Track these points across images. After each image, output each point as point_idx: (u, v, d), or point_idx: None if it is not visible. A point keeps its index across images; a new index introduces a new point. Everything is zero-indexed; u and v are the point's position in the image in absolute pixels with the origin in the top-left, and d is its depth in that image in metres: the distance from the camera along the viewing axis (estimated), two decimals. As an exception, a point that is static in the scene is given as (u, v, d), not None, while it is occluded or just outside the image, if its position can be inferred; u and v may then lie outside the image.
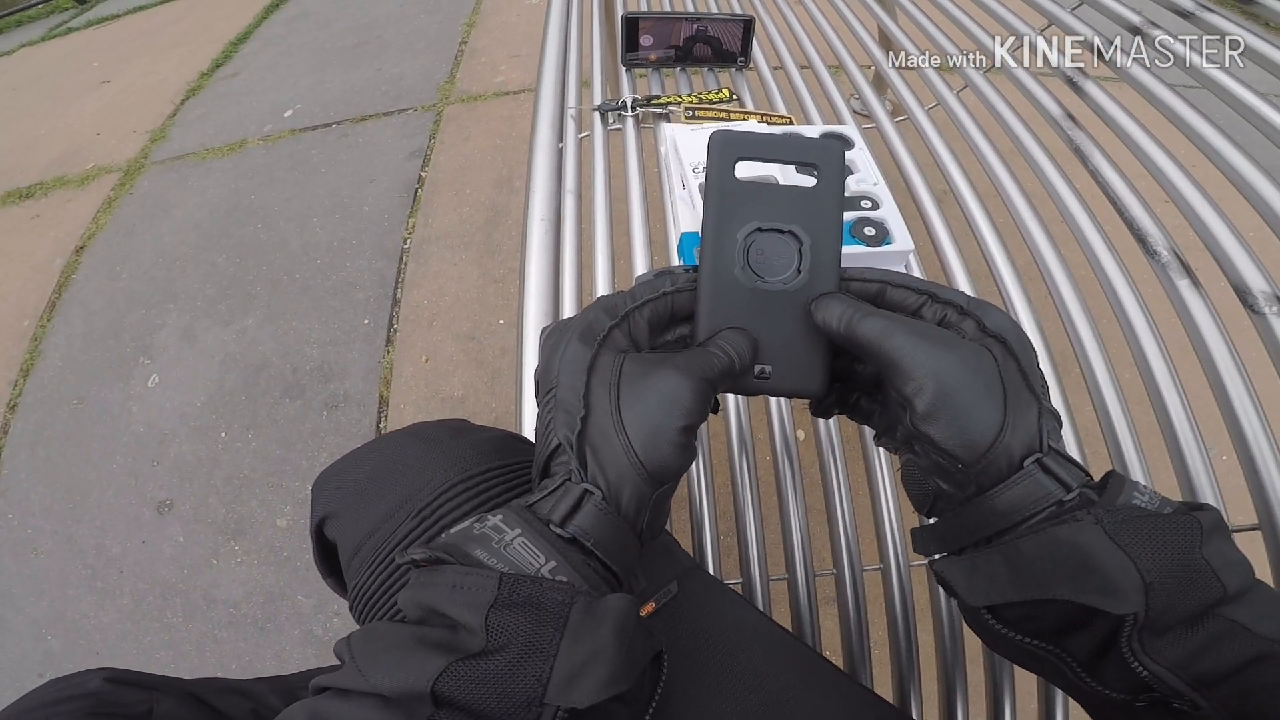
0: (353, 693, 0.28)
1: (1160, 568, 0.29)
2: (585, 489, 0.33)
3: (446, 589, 0.30)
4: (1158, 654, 0.29)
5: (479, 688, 0.27)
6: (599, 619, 0.30)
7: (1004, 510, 0.33)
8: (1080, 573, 0.30)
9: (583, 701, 0.28)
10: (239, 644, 1.27)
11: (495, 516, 0.33)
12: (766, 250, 0.38)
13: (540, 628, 0.29)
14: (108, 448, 1.59)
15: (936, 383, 0.32)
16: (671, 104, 0.89)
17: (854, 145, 0.76)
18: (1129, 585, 0.29)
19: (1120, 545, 0.29)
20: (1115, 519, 0.30)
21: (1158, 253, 0.64)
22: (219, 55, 3.17)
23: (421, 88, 2.55)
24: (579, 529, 0.33)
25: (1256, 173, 0.68)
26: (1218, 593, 0.29)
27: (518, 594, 0.29)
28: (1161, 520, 0.30)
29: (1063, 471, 0.32)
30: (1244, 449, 0.55)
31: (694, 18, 0.97)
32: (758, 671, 0.44)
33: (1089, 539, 0.30)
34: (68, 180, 2.50)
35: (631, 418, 0.34)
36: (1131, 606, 0.29)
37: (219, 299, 1.86)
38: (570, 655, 0.28)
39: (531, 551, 0.31)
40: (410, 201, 2.03)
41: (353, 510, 0.49)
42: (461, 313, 1.70)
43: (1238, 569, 0.30)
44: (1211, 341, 0.59)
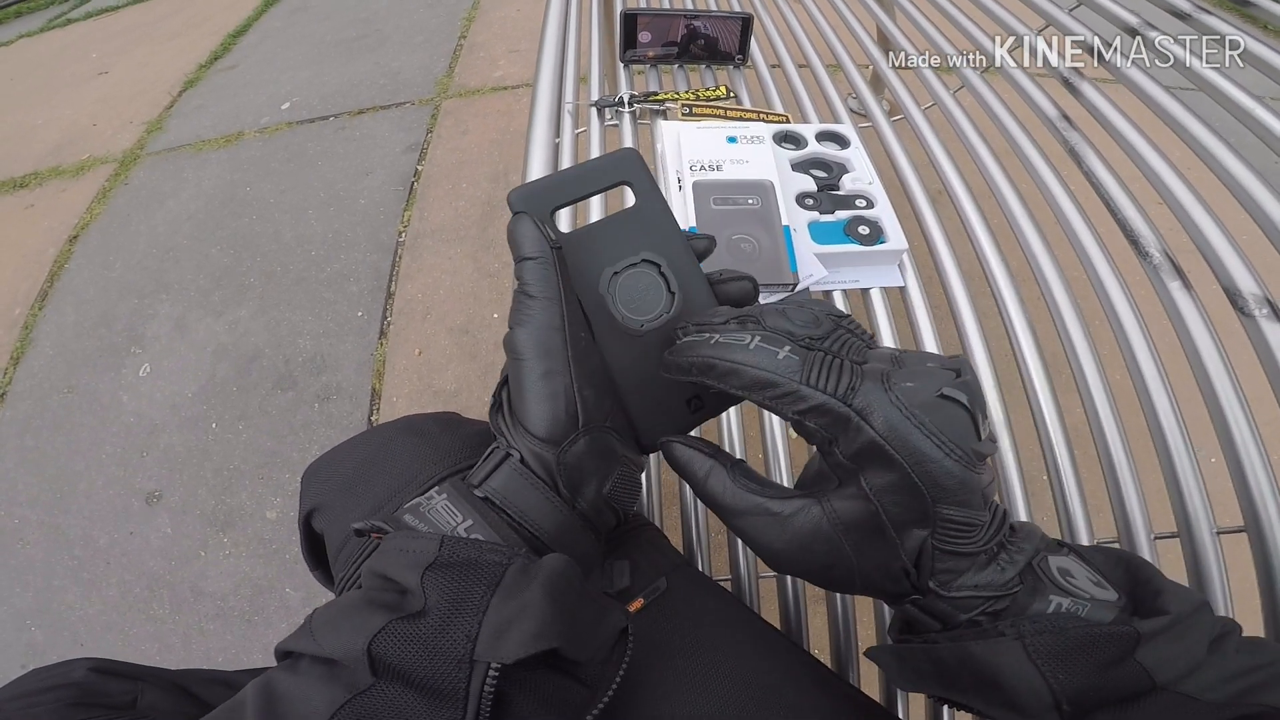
0: (303, 659, 0.29)
1: (1078, 684, 0.28)
2: (506, 452, 0.35)
3: (395, 553, 0.30)
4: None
5: (410, 645, 0.28)
6: (531, 576, 0.30)
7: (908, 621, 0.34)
8: (991, 688, 0.29)
9: (509, 655, 0.27)
10: (226, 636, 1.26)
11: (433, 486, 0.35)
12: (632, 289, 0.38)
13: (471, 585, 0.29)
14: (97, 437, 1.58)
15: (778, 560, 0.34)
16: (669, 101, 0.88)
17: (803, 146, 0.77)
18: (1037, 705, 0.28)
19: (1036, 664, 0.28)
20: (1039, 632, 0.29)
21: (1150, 254, 0.64)
22: (217, 47, 3.15)
23: (419, 82, 2.55)
24: (491, 489, 0.34)
25: (1250, 176, 0.68)
26: (1146, 685, 0.27)
27: (456, 555, 0.30)
28: (1092, 634, 0.28)
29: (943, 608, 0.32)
30: (1232, 452, 0.54)
31: (693, 15, 0.97)
32: (745, 668, 0.44)
33: (1004, 659, 0.29)
34: (63, 170, 2.49)
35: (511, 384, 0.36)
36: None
37: (212, 289, 1.85)
38: (499, 612, 0.29)
39: (451, 512, 0.33)
40: (406, 195, 2.02)
41: (341, 503, 0.49)
42: (455, 306, 1.69)
43: (1178, 662, 0.28)
44: (1202, 344, 0.59)
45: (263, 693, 0.28)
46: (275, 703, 0.28)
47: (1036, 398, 0.60)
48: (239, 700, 0.29)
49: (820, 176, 0.74)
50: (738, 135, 0.72)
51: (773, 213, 0.65)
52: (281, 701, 0.28)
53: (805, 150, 0.77)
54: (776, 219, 0.65)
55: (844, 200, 0.71)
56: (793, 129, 0.79)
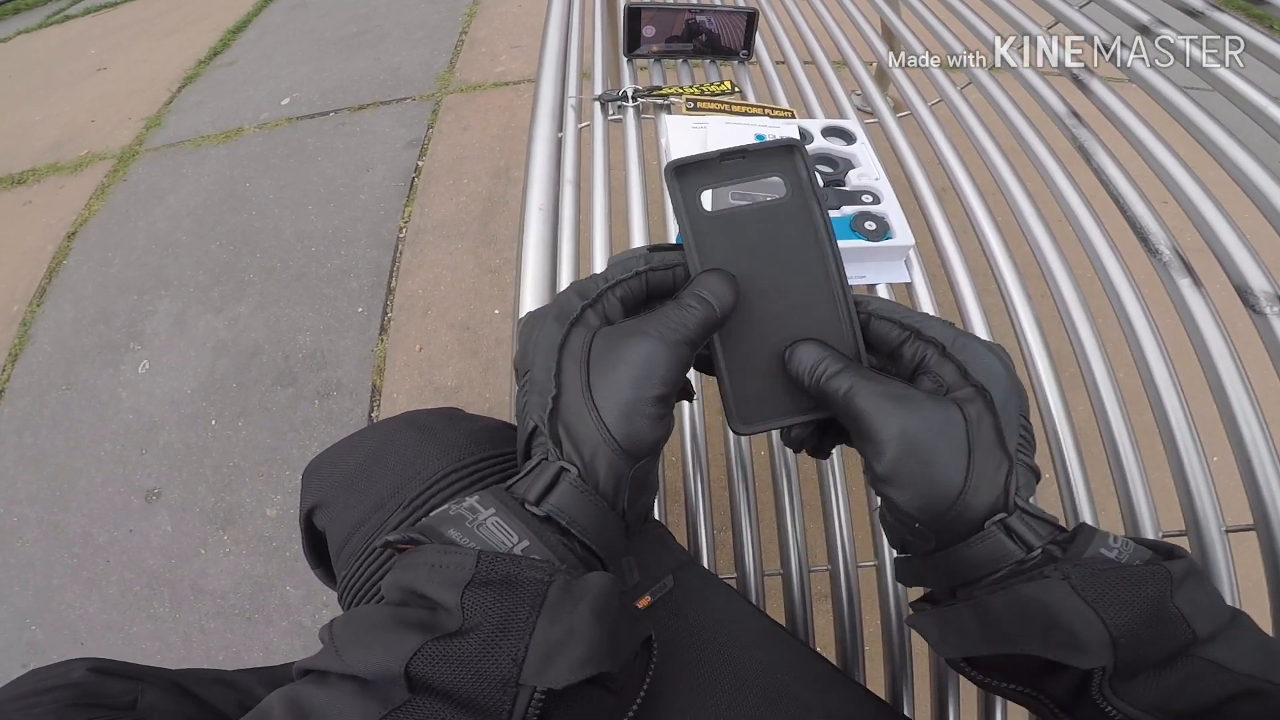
0: (330, 675, 0.28)
1: (1128, 620, 0.29)
2: (561, 467, 0.33)
3: (425, 569, 0.29)
4: (1132, 697, 0.29)
5: (452, 667, 0.26)
6: (577, 597, 0.29)
7: (963, 566, 0.33)
8: (1048, 629, 0.30)
9: (558, 682, 0.27)
10: (226, 635, 1.26)
11: (472, 498, 0.32)
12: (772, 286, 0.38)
13: (515, 605, 0.28)
14: (96, 435, 1.58)
15: (895, 447, 0.32)
16: (673, 95, 0.88)
17: (808, 141, 0.76)
18: (1095, 640, 0.29)
19: (1087, 600, 0.29)
20: (1083, 573, 0.30)
21: (1159, 251, 0.63)
22: (217, 43, 3.14)
23: (420, 77, 2.54)
24: (553, 507, 0.32)
25: (1261, 172, 0.68)
26: (1187, 637, 0.29)
27: (495, 572, 0.28)
28: (1131, 572, 0.30)
29: (1026, 532, 0.32)
30: (1241, 450, 0.54)
31: (697, 9, 0.97)
32: (751, 667, 0.44)
33: (1055, 596, 0.30)
34: (61, 166, 2.48)
35: (602, 392, 0.33)
36: (1098, 661, 0.29)
37: (212, 286, 1.84)
38: (546, 634, 0.28)
39: (504, 530, 0.31)
40: (407, 191, 2.02)
41: (343, 500, 0.48)
42: (456, 302, 1.69)
43: (1210, 612, 0.29)
44: (1212, 341, 0.58)
45: (291, 706, 0.27)
46: (305, 715, 0.27)
47: (1044, 394, 0.60)
48: (263, 712, 0.28)
49: (826, 172, 0.73)
50: (767, 134, 0.72)
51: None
52: (312, 714, 0.27)
53: (811, 146, 0.76)
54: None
55: (850, 196, 0.70)
56: (799, 124, 0.79)
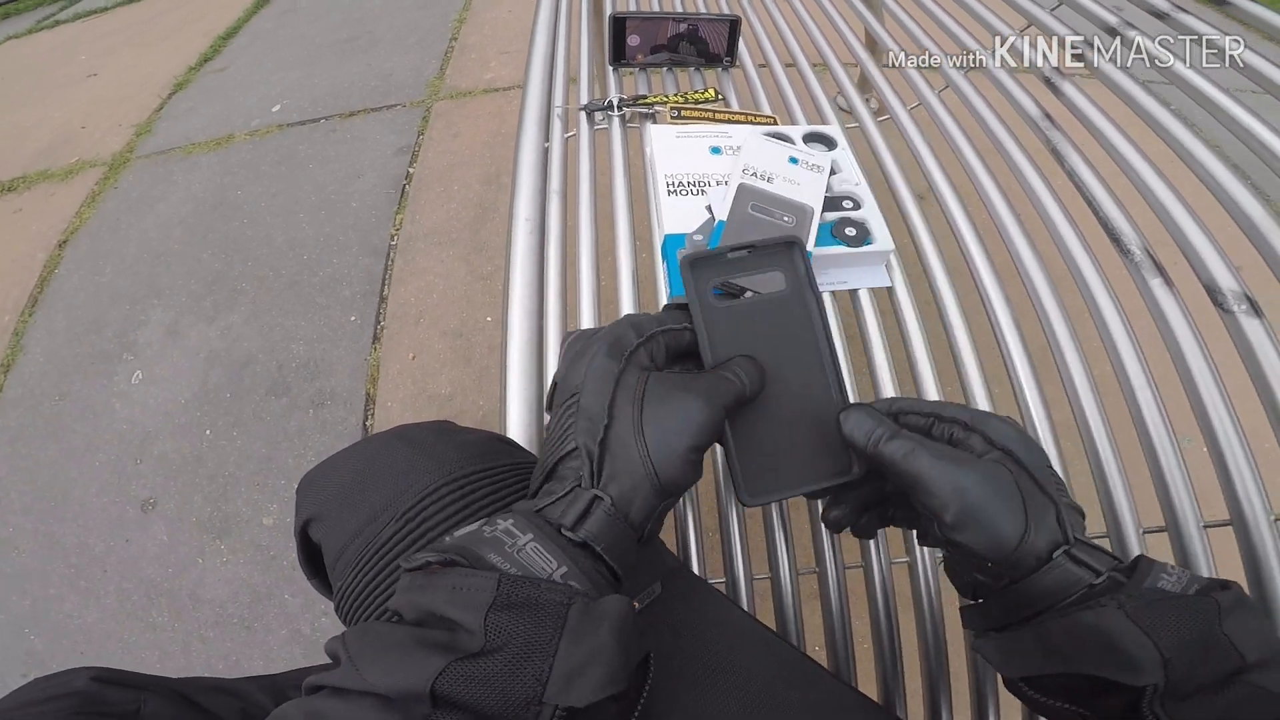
0: (349, 692, 0.28)
1: (1178, 644, 0.31)
2: (595, 495, 0.35)
3: (446, 591, 0.30)
4: (1181, 717, 0.31)
5: (479, 686, 0.28)
6: (597, 620, 0.31)
7: (1037, 596, 0.36)
8: (1104, 651, 0.32)
9: (581, 700, 0.28)
10: (226, 643, 1.26)
11: (505, 520, 0.34)
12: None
13: (539, 628, 0.29)
14: (90, 445, 1.58)
15: (961, 500, 0.36)
16: (658, 104, 0.89)
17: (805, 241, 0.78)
18: (1148, 661, 0.31)
19: (1141, 626, 0.32)
20: (1136, 603, 0.33)
21: (1131, 252, 0.65)
22: (207, 49, 3.14)
23: (411, 83, 2.54)
24: (590, 534, 0.34)
25: (1227, 173, 0.69)
26: (1236, 662, 0.31)
27: (517, 595, 0.30)
28: (1182, 601, 0.33)
29: (1091, 559, 0.36)
30: (1215, 446, 0.55)
31: (681, 17, 0.98)
32: (741, 670, 0.44)
33: (1111, 623, 0.32)
34: (51, 174, 2.48)
35: (652, 432, 0.36)
36: (1151, 679, 0.31)
37: (204, 295, 1.85)
38: (570, 655, 0.29)
39: (544, 556, 0.33)
40: (398, 198, 2.02)
41: (337, 513, 0.49)
42: (449, 310, 1.69)
43: (1258, 640, 0.32)
44: (1183, 339, 0.59)
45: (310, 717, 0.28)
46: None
47: (1023, 393, 0.61)
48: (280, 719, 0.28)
49: (808, 178, 0.74)
50: (801, 159, 0.72)
51: (802, 235, 0.64)
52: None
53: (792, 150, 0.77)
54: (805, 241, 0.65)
55: (831, 202, 0.71)
56: (781, 131, 0.80)
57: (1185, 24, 0.92)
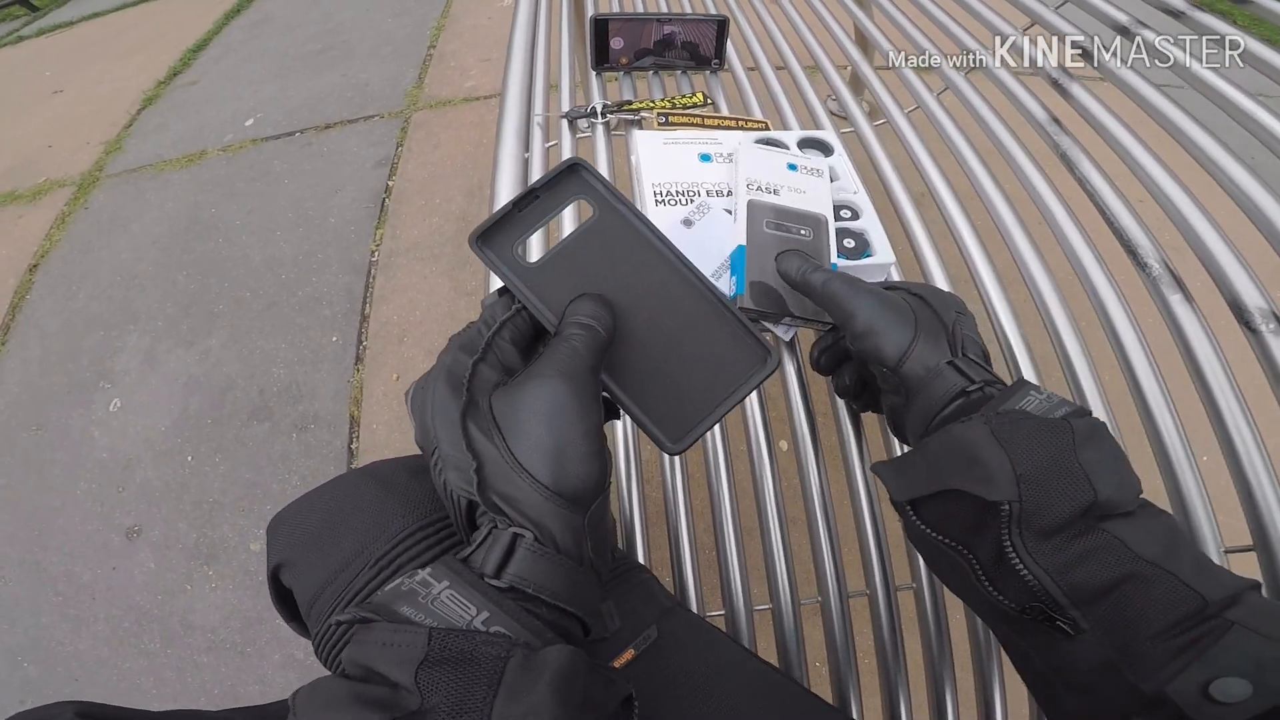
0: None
1: (1033, 464, 0.33)
2: (514, 533, 0.32)
3: (377, 647, 0.28)
4: (1039, 556, 0.32)
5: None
6: (536, 674, 0.28)
7: (927, 406, 0.41)
8: (968, 466, 0.34)
9: None
10: (220, 669, 1.24)
11: (424, 571, 0.31)
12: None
13: (471, 685, 0.27)
14: (70, 474, 1.54)
15: (864, 312, 0.43)
16: (643, 109, 0.85)
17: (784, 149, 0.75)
18: (1002, 475, 0.33)
19: (1000, 442, 0.34)
20: (1001, 420, 0.35)
21: (1149, 265, 0.62)
22: (177, 63, 3.09)
23: (388, 94, 2.50)
24: (516, 576, 0.31)
25: (1252, 181, 0.66)
26: (1088, 495, 0.32)
27: (449, 649, 0.27)
28: (1040, 423, 0.34)
29: (970, 370, 0.41)
30: (1238, 471, 0.53)
31: (665, 18, 0.94)
32: (741, 712, 0.44)
33: (975, 436, 0.35)
34: (19, 195, 2.42)
35: (524, 450, 0.33)
36: (1004, 495, 0.33)
37: (180, 318, 1.80)
38: (503, 716, 0.26)
39: (460, 604, 0.29)
40: (378, 212, 1.98)
41: (307, 559, 0.47)
42: (433, 327, 1.66)
43: (1110, 474, 0.33)
44: (1204, 358, 0.56)
45: None
46: None
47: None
48: None
49: (804, 187, 0.71)
50: (799, 164, 0.69)
51: (823, 249, 0.61)
52: None
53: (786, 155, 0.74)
54: (826, 256, 0.61)
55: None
56: (775, 136, 0.77)
57: (1203, 23, 0.89)
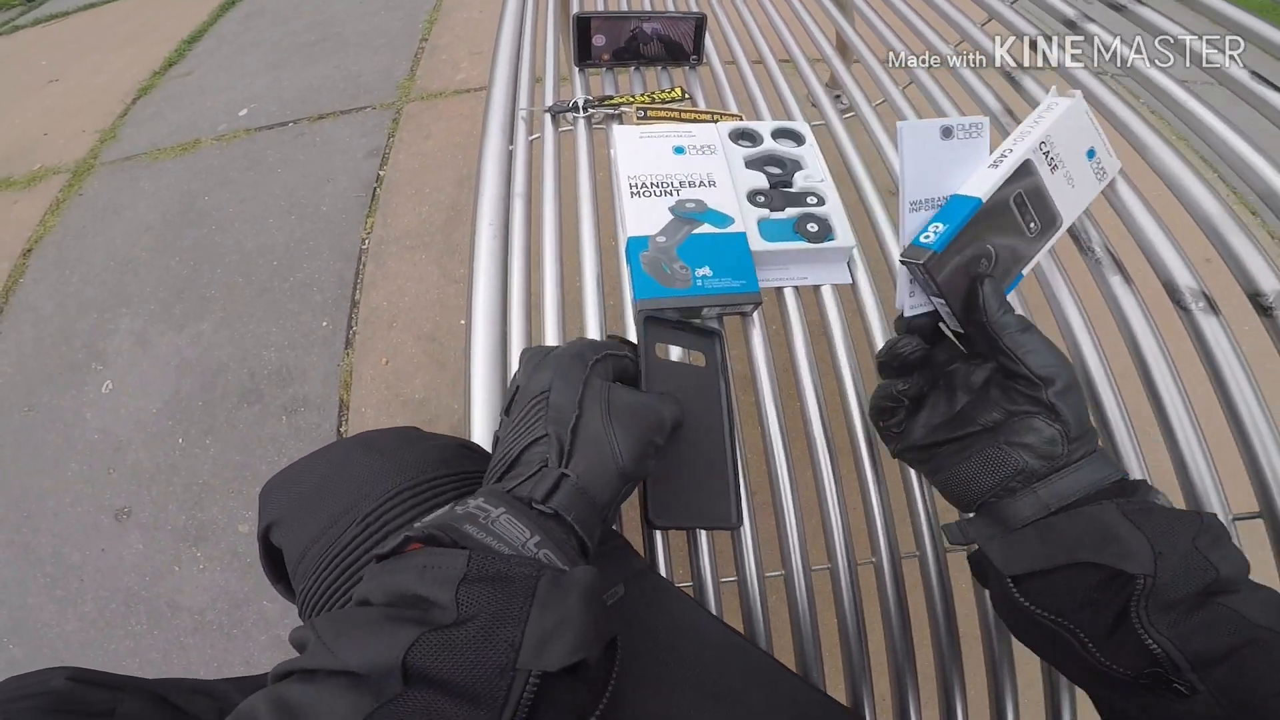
0: (318, 673, 0.29)
1: (1167, 544, 0.35)
2: (562, 473, 0.39)
3: (416, 571, 0.31)
4: (1163, 627, 0.34)
5: (451, 655, 0.28)
6: (566, 589, 0.32)
7: (1085, 480, 0.40)
8: (1102, 541, 0.37)
9: (553, 664, 0.29)
10: (206, 650, 1.26)
11: (475, 499, 0.36)
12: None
13: (510, 598, 0.31)
14: (61, 455, 1.56)
15: (1065, 371, 0.42)
16: (624, 104, 0.89)
17: (758, 144, 0.78)
18: (1142, 552, 0.35)
19: (1136, 524, 0.36)
20: (1134, 505, 0.38)
21: (1092, 250, 0.65)
22: (171, 53, 3.09)
23: (381, 85, 2.52)
24: (560, 505, 0.37)
25: (1184, 167, 0.70)
26: (1211, 574, 0.35)
27: (487, 569, 0.31)
28: (1170, 511, 0.38)
29: (1117, 463, 0.43)
30: (1174, 446, 0.56)
31: (645, 16, 0.98)
32: (705, 670, 0.45)
33: (1111, 517, 0.37)
34: (14, 182, 2.44)
35: (619, 423, 0.42)
36: (1144, 568, 0.35)
37: (173, 302, 1.82)
38: (540, 621, 0.30)
39: (517, 527, 0.35)
40: (369, 201, 2.00)
41: (298, 517, 0.49)
42: (422, 314, 1.69)
43: (1231, 560, 0.36)
44: (1142, 337, 0.60)
45: (276, 705, 0.28)
46: (294, 713, 0.28)
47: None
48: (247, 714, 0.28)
49: (774, 173, 0.74)
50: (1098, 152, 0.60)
51: (1030, 257, 0.54)
52: (300, 712, 0.28)
53: (761, 147, 0.77)
54: (1024, 265, 0.54)
55: (795, 198, 0.72)
56: (749, 126, 0.80)
57: (1142, 16, 0.94)
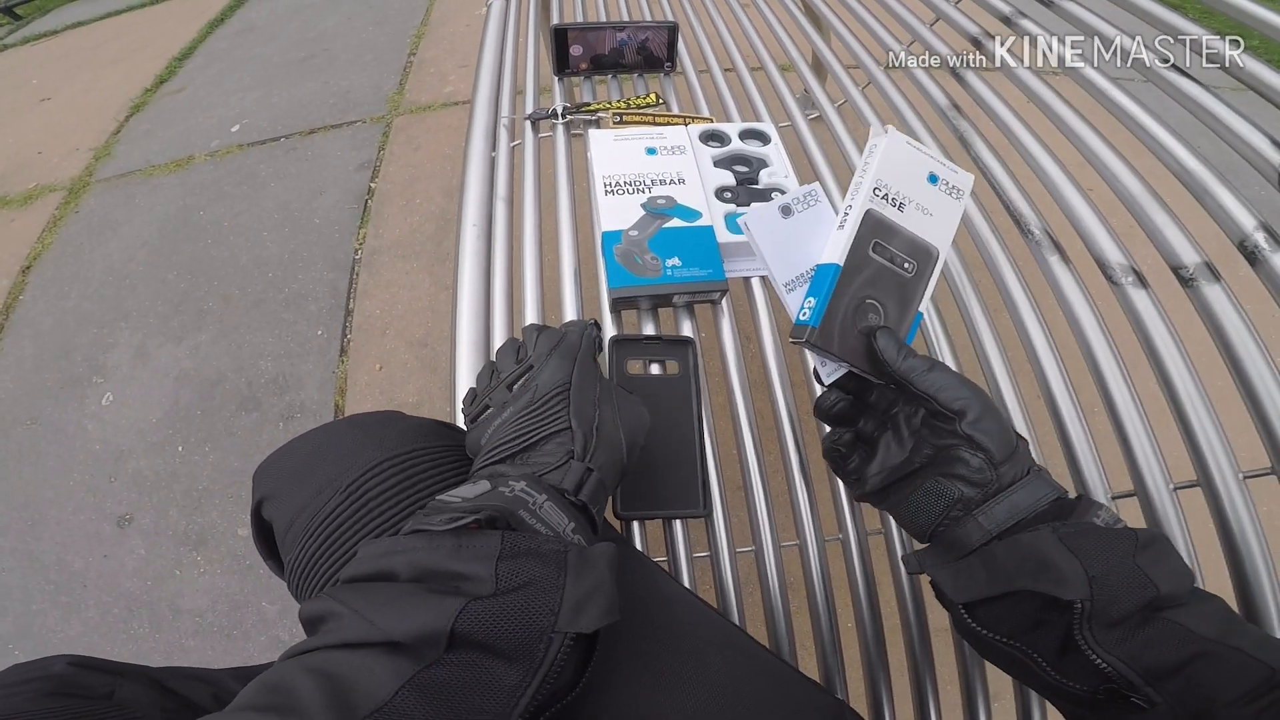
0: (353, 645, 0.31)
1: (1102, 567, 0.37)
2: (588, 468, 0.42)
3: (449, 550, 0.34)
4: (1109, 645, 0.36)
5: (498, 621, 0.32)
6: (594, 560, 0.36)
7: (1020, 505, 0.42)
8: (1039, 570, 0.38)
9: (589, 626, 0.33)
10: (207, 652, 1.28)
11: (518, 484, 0.40)
12: None
13: (546, 569, 0.34)
14: (64, 465, 1.59)
15: (980, 400, 0.43)
16: (600, 110, 0.93)
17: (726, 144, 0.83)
18: (1075, 577, 0.36)
19: (1071, 549, 0.37)
20: (1069, 530, 0.39)
21: (1032, 232, 0.70)
22: (163, 70, 3.13)
23: (370, 99, 2.57)
24: (588, 497, 0.41)
25: (1108, 150, 0.75)
26: (1152, 591, 0.36)
27: (520, 547, 0.35)
28: (1105, 532, 0.39)
29: (1055, 482, 0.43)
30: (1115, 416, 0.60)
31: (620, 26, 1.02)
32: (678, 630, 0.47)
33: (1046, 544, 0.38)
34: (10, 200, 2.47)
35: (624, 424, 0.47)
36: (1079, 594, 0.36)
37: (171, 315, 1.86)
38: (576, 588, 0.34)
39: (559, 514, 0.39)
40: (360, 212, 2.05)
41: (287, 491, 0.52)
42: (414, 320, 1.72)
43: (1172, 575, 0.37)
44: (1080, 312, 0.65)
45: (315, 673, 0.29)
46: (335, 680, 0.29)
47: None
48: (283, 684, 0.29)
49: (741, 171, 0.79)
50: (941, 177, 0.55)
51: (918, 293, 0.52)
52: (340, 678, 0.29)
53: (728, 148, 0.82)
54: (918, 301, 0.52)
55: (759, 194, 0.76)
56: (718, 128, 0.84)
57: (1069, 11, 1.00)
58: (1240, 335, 0.61)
